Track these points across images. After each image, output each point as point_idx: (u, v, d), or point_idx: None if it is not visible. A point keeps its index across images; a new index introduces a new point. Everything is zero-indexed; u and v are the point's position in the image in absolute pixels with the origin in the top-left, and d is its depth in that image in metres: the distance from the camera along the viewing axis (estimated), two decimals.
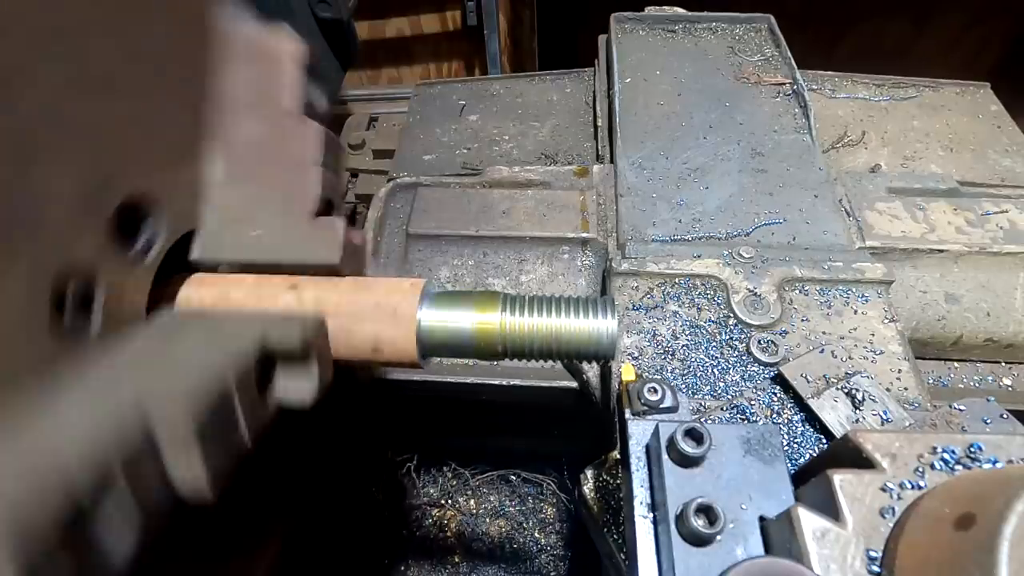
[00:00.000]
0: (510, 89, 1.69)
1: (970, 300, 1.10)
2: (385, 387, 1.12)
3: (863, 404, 0.77)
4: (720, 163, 1.27)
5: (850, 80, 1.64)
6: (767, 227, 1.13)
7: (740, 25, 1.65)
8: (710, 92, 1.45)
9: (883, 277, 1.01)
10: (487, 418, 1.43)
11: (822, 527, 0.47)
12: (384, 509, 1.73)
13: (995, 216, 1.16)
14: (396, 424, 1.53)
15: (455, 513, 1.76)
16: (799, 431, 0.80)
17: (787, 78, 1.47)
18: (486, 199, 1.24)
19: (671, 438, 0.56)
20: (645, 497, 0.58)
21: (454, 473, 1.79)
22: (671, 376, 0.91)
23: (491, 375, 1.12)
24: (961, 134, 1.49)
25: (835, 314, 0.97)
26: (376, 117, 1.98)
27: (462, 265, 1.19)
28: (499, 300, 0.64)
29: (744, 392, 0.87)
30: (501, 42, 2.85)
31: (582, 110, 1.61)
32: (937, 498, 0.45)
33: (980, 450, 0.49)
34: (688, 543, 0.51)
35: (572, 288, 1.16)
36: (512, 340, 0.63)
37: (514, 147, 1.51)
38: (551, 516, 1.74)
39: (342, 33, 1.71)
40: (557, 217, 1.20)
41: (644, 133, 1.35)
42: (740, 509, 0.54)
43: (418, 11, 2.93)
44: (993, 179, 1.37)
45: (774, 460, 0.57)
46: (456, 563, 1.70)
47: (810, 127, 1.34)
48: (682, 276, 1.02)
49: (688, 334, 0.96)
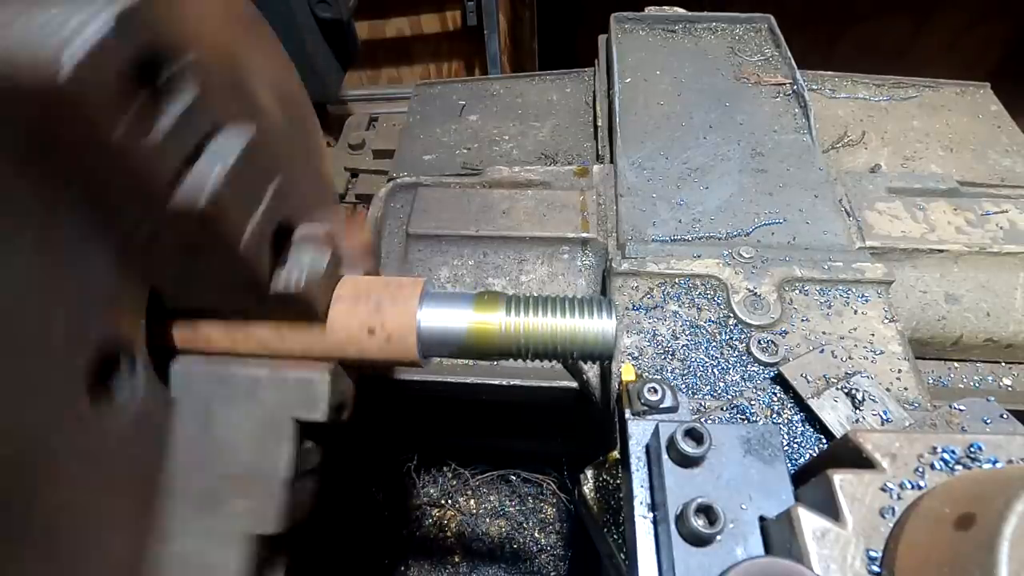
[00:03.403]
0: (510, 89, 1.69)
1: (970, 300, 1.10)
2: (385, 387, 1.12)
3: (863, 404, 0.77)
4: (720, 163, 1.27)
5: (850, 80, 1.64)
6: (767, 227, 1.13)
7: (740, 25, 1.65)
8: (710, 92, 1.45)
9: (883, 277, 1.01)
10: (487, 418, 1.43)
11: (822, 527, 0.47)
12: (384, 509, 1.73)
13: (995, 216, 1.16)
14: (396, 424, 1.53)
15: (455, 513, 1.76)
16: (799, 431, 0.80)
17: (787, 78, 1.47)
18: (486, 199, 1.24)
19: (671, 438, 0.56)
20: (645, 497, 0.58)
21: (454, 473, 1.79)
22: (671, 376, 0.91)
23: (491, 375, 1.12)
24: (961, 134, 1.49)
25: (835, 314, 0.97)
26: (376, 117, 1.98)
27: (462, 265, 1.19)
28: (499, 300, 0.64)
29: (744, 392, 0.87)
30: (501, 42, 2.84)
31: (582, 110, 1.61)
32: (937, 498, 0.45)
33: (980, 450, 0.49)
34: (688, 543, 0.51)
35: (572, 288, 1.16)
36: (512, 340, 0.64)
37: (514, 147, 1.51)
38: (551, 516, 1.74)
39: (342, 33, 1.71)
40: (557, 217, 1.20)
41: (644, 133, 1.35)
42: (740, 509, 0.54)
43: (418, 11, 2.93)
44: (993, 179, 1.37)
45: (774, 460, 0.57)
46: (456, 563, 1.70)
47: (810, 127, 1.34)
48: (682, 276, 1.02)
49: (688, 334, 0.96)
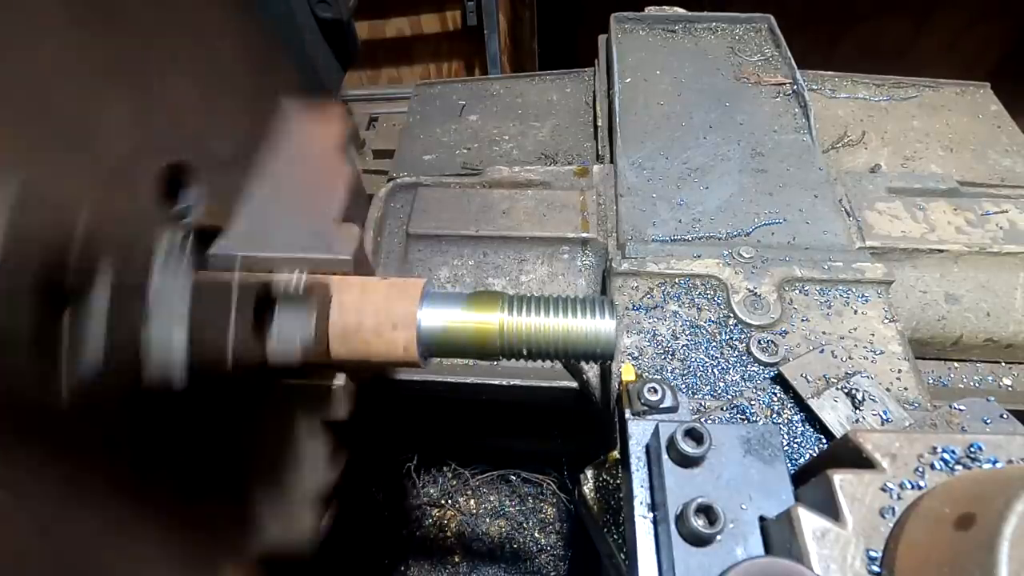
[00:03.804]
0: (510, 89, 1.69)
1: (970, 300, 1.10)
2: (385, 387, 1.12)
3: (863, 404, 0.77)
4: (720, 163, 1.27)
5: (850, 80, 1.64)
6: (767, 227, 1.13)
7: (740, 25, 1.65)
8: (710, 92, 1.45)
9: (883, 277, 1.01)
10: (487, 418, 1.43)
11: (822, 527, 0.47)
12: (384, 509, 1.73)
13: (995, 216, 1.16)
14: (396, 424, 1.53)
15: (455, 513, 1.76)
16: (799, 431, 0.80)
17: (787, 78, 1.47)
18: (486, 199, 1.24)
19: (671, 438, 0.56)
20: (645, 497, 0.58)
21: (454, 473, 1.79)
22: (671, 376, 0.91)
23: (491, 375, 1.12)
24: (961, 134, 1.49)
25: (835, 314, 0.97)
26: (376, 117, 1.98)
27: (462, 265, 1.19)
28: (499, 300, 0.64)
29: (744, 392, 0.87)
30: (501, 42, 2.85)
31: (582, 110, 1.61)
32: (937, 498, 0.45)
33: (980, 450, 0.49)
34: (688, 543, 0.51)
35: (572, 288, 1.16)
36: (512, 340, 0.64)
37: (514, 147, 1.51)
38: (551, 516, 1.74)
39: (342, 33, 1.70)
40: (557, 217, 1.20)
41: (644, 133, 1.35)
42: (740, 509, 0.54)
43: (418, 11, 2.93)
44: (993, 179, 1.37)
45: (774, 460, 0.57)
46: (456, 563, 1.70)
47: (810, 127, 1.34)
48: (682, 276, 1.02)
49: (688, 334, 0.96)
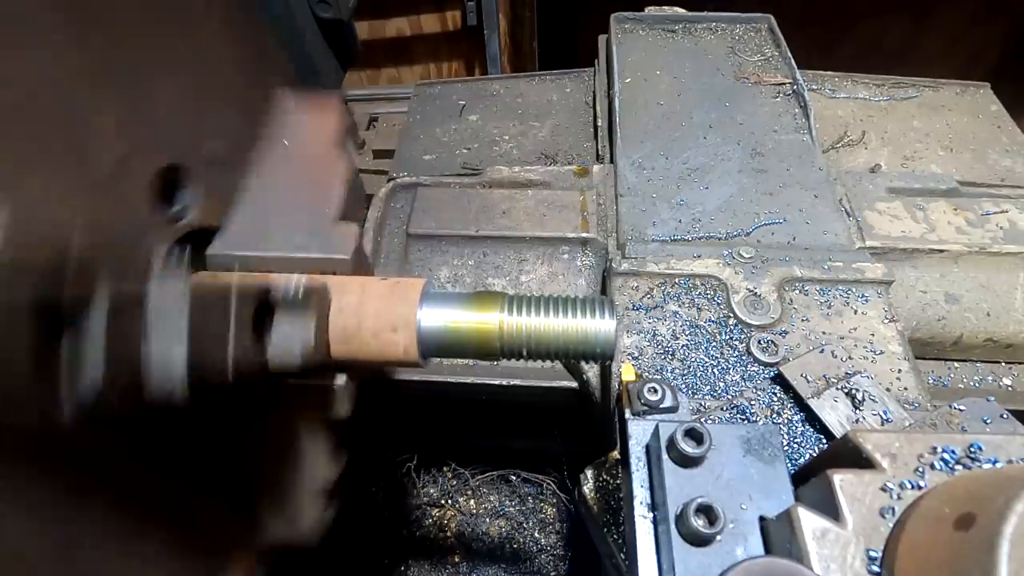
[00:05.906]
0: (510, 89, 1.69)
1: (970, 300, 1.10)
2: (385, 387, 1.12)
3: (863, 404, 0.77)
4: (720, 163, 1.27)
5: (850, 80, 1.64)
6: (767, 227, 1.13)
7: (740, 25, 1.65)
8: (710, 92, 1.45)
9: (883, 277, 1.01)
10: (487, 418, 1.43)
11: (822, 527, 0.47)
12: (384, 509, 1.73)
13: (995, 216, 1.16)
14: (396, 424, 1.53)
15: (455, 513, 1.76)
16: (799, 431, 0.80)
17: (787, 78, 1.46)
18: (486, 199, 1.24)
19: (671, 438, 0.56)
20: (645, 497, 0.58)
21: (454, 473, 1.79)
22: (671, 376, 0.91)
23: (491, 375, 1.12)
24: (961, 134, 1.49)
25: (835, 314, 0.97)
26: (376, 117, 1.98)
27: (462, 265, 1.19)
28: (499, 300, 0.64)
29: (744, 392, 0.87)
30: (501, 42, 2.84)
31: (582, 110, 1.61)
32: (937, 498, 0.45)
33: (980, 450, 0.49)
34: (688, 543, 0.51)
35: (572, 288, 1.16)
36: (512, 340, 0.63)
37: (514, 147, 1.51)
38: (551, 516, 1.74)
39: (342, 33, 1.70)
40: (557, 217, 1.20)
41: (644, 133, 1.35)
42: (740, 509, 0.54)
43: (418, 11, 2.93)
44: (993, 179, 1.37)
45: (774, 460, 0.57)
46: (456, 563, 1.70)
47: (810, 127, 1.34)
48: (682, 276, 1.02)
49: (688, 334, 0.96)
